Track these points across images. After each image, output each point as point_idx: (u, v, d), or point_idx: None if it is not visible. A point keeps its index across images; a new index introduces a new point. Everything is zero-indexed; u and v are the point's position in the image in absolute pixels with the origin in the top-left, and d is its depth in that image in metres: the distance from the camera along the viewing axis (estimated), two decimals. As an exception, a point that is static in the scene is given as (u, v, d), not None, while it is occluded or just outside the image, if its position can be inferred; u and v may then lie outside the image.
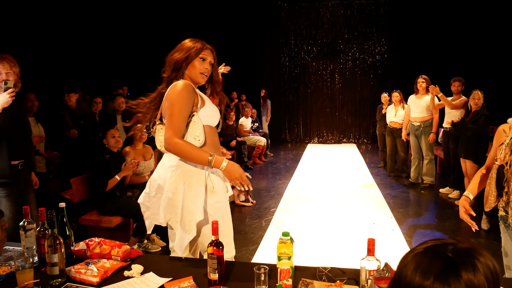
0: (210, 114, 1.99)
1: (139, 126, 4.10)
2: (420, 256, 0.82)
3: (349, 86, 11.12)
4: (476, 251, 0.82)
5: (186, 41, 2.06)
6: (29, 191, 2.95)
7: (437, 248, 0.83)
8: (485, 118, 4.65)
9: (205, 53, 1.99)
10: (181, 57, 1.97)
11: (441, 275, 0.77)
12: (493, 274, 0.80)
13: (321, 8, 10.88)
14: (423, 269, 0.79)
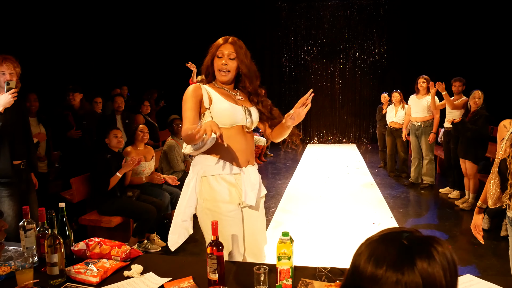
0: (220, 114, 1.90)
1: (141, 127, 4.10)
2: (374, 244, 0.78)
3: (349, 86, 11.11)
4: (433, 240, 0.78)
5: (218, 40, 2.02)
6: (31, 190, 2.96)
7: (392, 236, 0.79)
8: (484, 119, 4.65)
9: (222, 48, 1.94)
10: (207, 59, 2.00)
11: (395, 263, 0.73)
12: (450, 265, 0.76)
13: (321, 8, 10.87)
14: (377, 257, 0.75)
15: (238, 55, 1.95)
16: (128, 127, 4.80)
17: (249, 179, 1.94)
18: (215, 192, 1.91)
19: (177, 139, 4.65)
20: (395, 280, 0.72)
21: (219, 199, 1.91)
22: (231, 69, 1.96)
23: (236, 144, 1.93)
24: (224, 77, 1.96)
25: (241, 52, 1.96)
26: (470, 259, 3.56)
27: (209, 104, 1.92)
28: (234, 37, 2.00)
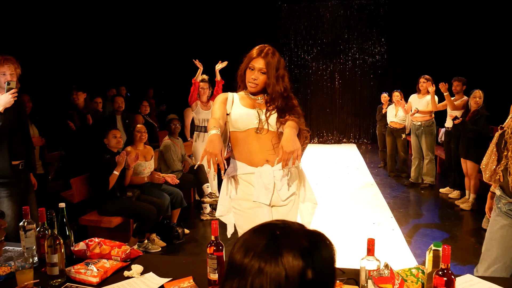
0: (234, 119, 2.05)
1: (139, 127, 4.10)
2: (248, 234, 0.79)
3: (349, 86, 11.11)
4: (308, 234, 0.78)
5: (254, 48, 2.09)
6: (30, 191, 2.96)
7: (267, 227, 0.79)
8: (485, 119, 4.65)
9: (254, 62, 2.02)
10: (241, 67, 2.10)
11: (261, 253, 0.73)
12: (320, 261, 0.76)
13: (321, 8, 10.87)
14: (247, 246, 0.76)
15: (268, 70, 2.02)
16: (128, 127, 4.81)
17: (260, 178, 2.01)
18: (235, 191, 2.08)
19: (174, 139, 4.65)
20: (257, 268, 0.72)
21: (238, 197, 2.07)
22: (259, 82, 2.04)
23: (249, 146, 2.05)
24: (253, 89, 2.06)
25: (271, 67, 2.02)
26: (470, 259, 3.55)
27: (230, 110, 2.10)
28: (269, 49, 2.04)
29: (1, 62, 2.66)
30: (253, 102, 2.10)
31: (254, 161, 2.05)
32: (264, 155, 2.05)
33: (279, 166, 2.01)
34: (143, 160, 4.04)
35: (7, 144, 2.72)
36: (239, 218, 2.08)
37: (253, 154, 2.04)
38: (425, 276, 1.48)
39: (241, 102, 2.11)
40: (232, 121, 2.07)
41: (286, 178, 2.06)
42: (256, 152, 2.04)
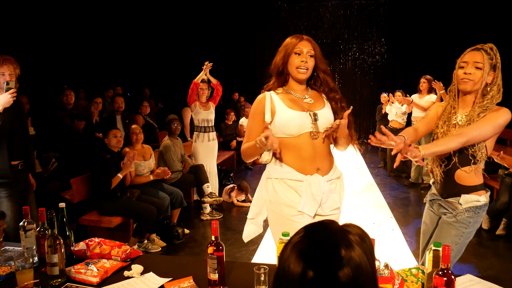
0: (282, 124, 1.87)
1: (133, 128, 4.07)
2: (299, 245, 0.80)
3: (349, 86, 11.11)
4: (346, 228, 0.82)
5: (286, 39, 1.95)
6: (29, 191, 2.96)
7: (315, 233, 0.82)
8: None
9: (300, 45, 1.87)
10: (280, 58, 1.91)
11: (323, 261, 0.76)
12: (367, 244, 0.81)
13: (321, 8, 10.88)
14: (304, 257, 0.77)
15: (316, 52, 1.91)
16: (129, 128, 4.80)
17: (310, 188, 1.86)
18: (278, 195, 1.91)
19: (173, 139, 4.65)
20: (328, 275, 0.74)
21: (281, 202, 1.90)
22: (309, 66, 1.89)
23: (302, 152, 1.88)
24: (303, 74, 1.89)
25: (318, 50, 1.91)
26: (470, 259, 3.55)
27: (272, 117, 1.90)
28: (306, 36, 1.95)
29: (0, 62, 2.66)
30: (300, 102, 1.93)
31: (305, 168, 1.88)
32: (316, 163, 1.90)
33: (327, 178, 1.91)
34: (142, 160, 4.04)
35: (6, 144, 2.72)
36: (278, 224, 1.92)
37: (304, 161, 1.88)
38: (425, 276, 1.48)
39: (285, 103, 1.91)
40: (280, 127, 1.88)
41: (333, 191, 1.94)
42: (309, 159, 1.88)
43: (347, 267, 0.75)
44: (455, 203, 1.92)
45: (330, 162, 1.98)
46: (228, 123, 7.74)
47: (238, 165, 7.80)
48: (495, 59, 1.87)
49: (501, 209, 4.06)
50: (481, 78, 1.86)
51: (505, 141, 6.53)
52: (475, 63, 1.86)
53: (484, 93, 1.89)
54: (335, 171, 2.00)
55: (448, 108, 2.02)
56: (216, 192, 4.91)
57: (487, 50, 1.87)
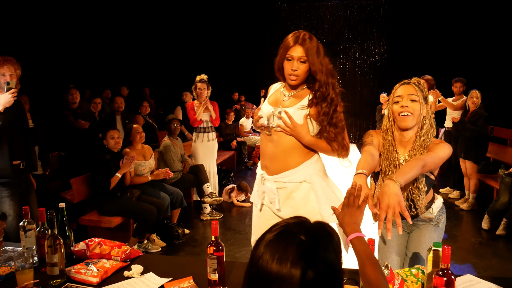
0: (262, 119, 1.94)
1: (136, 127, 4.08)
2: (273, 244, 0.81)
3: (349, 86, 11.11)
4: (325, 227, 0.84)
5: (286, 37, 1.90)
6: (30, 190, 2.96)
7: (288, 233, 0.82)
8: (484, 119, 4.65)
9: (292, 51, 1.82)
10: (277, 61, 1.93)
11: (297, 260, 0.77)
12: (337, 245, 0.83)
13: (321, 8, 10.88)
14: (279, 257, 0.78)
15: (310, 57, 1.83)
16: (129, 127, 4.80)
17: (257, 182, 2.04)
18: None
19: (173, 139, 4.65)
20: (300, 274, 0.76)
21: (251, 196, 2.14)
22: (301, 73, 1.85)
23: (261, 147, 2.02)
24: (294, 81, 1.87)
25: (312, 53, 1.83)
26: (470, 259, 3.55)
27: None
28: (305, 34, 1.85)
29: (1, 63, 2.67)
30: (280, 99, 1.95)
31: (261, 163, 2.05)
32: (265, 160, 1.97)
33: (275, 178, 1.91)
34: (142, 160, 4.03)
35: (7, 143, 2.73)
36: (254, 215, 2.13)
37: (261, 156, 2.03)
38: (425, 276, 1.48)
39: (270, 97, 2.02)
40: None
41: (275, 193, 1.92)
42: (263, 154, 2.00)
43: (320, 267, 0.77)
44: (429, 216, 1.98)
45: (285, 164, 1.90)
46: (228, 123, 7.74)
47: (238, 165, 7.80)
48: (424, 92, 1.84)
49: (501, 209, 4.06)
50: (419, 110, 1.80)
51: (505, 141, 6.54)
52: (410, 95, 1.80)
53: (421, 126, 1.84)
54: (294, 175, 1.90)
55: (388, 146, 1.90)
56: (216, 192, 4.91)
57: (415, 83, 1.83)
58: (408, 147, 1.88)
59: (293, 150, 1.89)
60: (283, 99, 1.94)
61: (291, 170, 1.90)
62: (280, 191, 1.93)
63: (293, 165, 1.90)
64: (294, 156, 1.90)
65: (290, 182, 1.91)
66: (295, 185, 1.91)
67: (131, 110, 5.74)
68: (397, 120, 1.84)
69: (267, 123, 1.90)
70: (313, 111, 1.88)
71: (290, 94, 1.93)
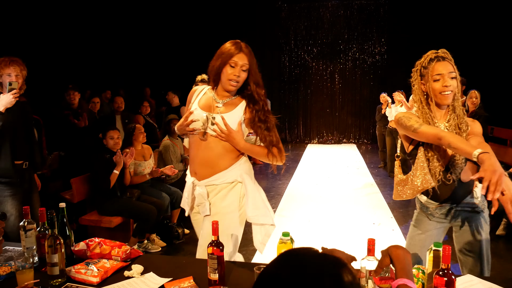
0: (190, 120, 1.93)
1: (138, 126, 4.10)
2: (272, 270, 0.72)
3: (349, 86, 11.12)
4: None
5: (225, 44, 1.98)
6: (33, 190, 2.96)
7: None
8: (484, 119, 4.65)
9: (236, 58, 1.89)
10: (216, 65, 1.95)
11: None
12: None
13: (321, 8, 10.88)
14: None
15: (251, 66, 1.94)
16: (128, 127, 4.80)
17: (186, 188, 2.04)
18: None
19: (173, 139, 4.65)
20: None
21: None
22: (241, 80, 1.93)
23: (192, 152, 2.01)
24: (233, 87, 1.93)
25: (253, 63, 1.95)
26: (470, 259, 3.55)
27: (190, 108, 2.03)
28: (247, 45, 1.96)
29: (6, 63, 2.68)
30: (212, 105, 1.99)
31: (190, 169, 2.05)
32: (195, 166, 1.99)
33: (205, 182, 1.96)
34: (142, 160, 4.03)
35: (9, 143, 2.73)
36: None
37: (191, 161, 2.03)
38: (426, 276, 1.48)
39: (200, 102, 2.02)
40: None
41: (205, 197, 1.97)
42: (193, 159, 2.00)
43: None
44: (474, 200, 1.93)
45: (217, 167, 1.95)
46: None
47: (238, 165, 7.79)
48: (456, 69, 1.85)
49: (501, 209, 4.05)
50: (457, 87, 1.83)
51: (505, 141, 6.54)
52: (450, 73, 1.80)
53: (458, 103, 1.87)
54: (226, 176, 1.96)
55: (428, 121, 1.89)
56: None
57: (448, 58, 1.83)
58: (443, 119, 1.90)
59: (226, 154, 1.96)
60: (216, 105, 1.98)
61: (222, 172, 1.96)
62: (211, 194, 1.98)
63: (224, 167, 1.97)
64: (226, 159, 1.97)
65: (222, 183, 1.98)
66: (226, 185, 1.98)
67: (131, 110, 5.74)
68: (438, 98, 1.84)
69: (203, 128, 1.92)
70: (247, 119, 1.97)
71: (224, 101, 1.99)
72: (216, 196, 1.98)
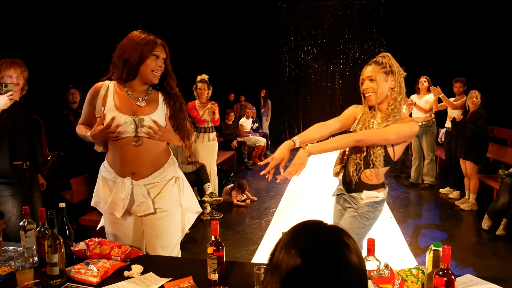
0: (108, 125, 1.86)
1: None
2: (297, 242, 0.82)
3: (349, 87, 11.12)
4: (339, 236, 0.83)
5: (134, 34, 1.90)
6: (34, 190, 2.96)
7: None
8: (484, 119, 4.65)
9: (159, 49, 1.89)
10: (136, 56, 1.85)
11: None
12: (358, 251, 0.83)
13: (321, 8, 10.88)
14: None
15: (167, 59, 1.94)
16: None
17: (118, 190, 1.94)
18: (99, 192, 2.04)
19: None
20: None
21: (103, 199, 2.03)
22: (162, 71, 1.92)
23: (122, 155, 1.92)
24: (156, 79, 1.91)
25: (168, 55, 1.95)
26: (470, 259, 3.56)
27: (102, 111, 1.90)
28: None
29: (8, 65, 2.68)
30: (131, 104, 1.90)
31: (122, 171, 1.94)
32: (133, 167, 1.93)
33: (145, 181, 1.94)
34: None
35: (8, 144, 2.73)
36: (106, 221, 2.07)
37: (122, 164, 1.92)
38: (425, 276, 1.48)
39: (116, 102, 1.89)
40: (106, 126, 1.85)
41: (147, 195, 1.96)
42: (127, 162, 1.92)
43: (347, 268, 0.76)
44: (357, 198, 2.07)
45: (154, 165, 1.96)
46: (228, 123, 7.74)
47: (238, 165, 7.80)
48: (388, 66, 2.03)
49: (501, 209, 4.06)
50: (377, 88, 1.98)
51: (505, 141, 6.54)
52: (368, 76, 2.01)
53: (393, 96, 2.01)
54: (162, 174, 1.98)
55: (366, 115, 2.09)
56: (216, 192, 4.91)
57: (378, 61, 2.03)
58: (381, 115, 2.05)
59: (161, 152, 1.98)
60: (137, 104, 1.91)
61: (160, 169, 1.98)
62: (152, 192, 1.98)
63: (160, 164, 1.99)
64: (161, 156, 1.99)
65: (161, 181, 1.99)
66: (165, 182, 2.00)
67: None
68: (364, 100, 2.07)
69: (133, 132, 1.87)
70: (168, 113, 1.99)
71: (143, 98, 1.94)
72: (158, 195, 1.99)
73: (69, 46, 7.31)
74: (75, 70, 7.30)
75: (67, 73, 6.89)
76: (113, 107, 1.89)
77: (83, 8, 7.71)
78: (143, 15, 9.10)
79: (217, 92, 5.12)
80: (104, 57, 6.30)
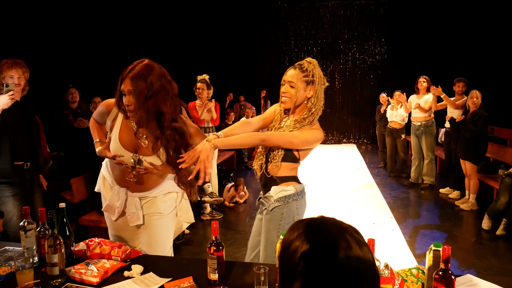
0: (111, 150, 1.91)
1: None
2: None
3: (349, 86, 11.12)
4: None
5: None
6: (35, 190, 2.96)
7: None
8: (484, 119, 4.65)
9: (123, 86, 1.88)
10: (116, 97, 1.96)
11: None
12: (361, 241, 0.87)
13: (321, 8, 10.88)
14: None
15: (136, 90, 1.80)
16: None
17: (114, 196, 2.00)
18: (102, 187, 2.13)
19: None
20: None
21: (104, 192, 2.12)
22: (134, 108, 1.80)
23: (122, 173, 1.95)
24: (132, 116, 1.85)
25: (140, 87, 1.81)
26: (470, 259, 3.56)
27: (108, 133, 1.96)
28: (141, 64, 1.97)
29: (9, 65, 2.68)
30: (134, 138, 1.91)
31: (120, 181, 1.98)
32: (128, 183, 1.95)
33: (141, 195, 1.97)
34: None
35: (9, 144, 2.73)
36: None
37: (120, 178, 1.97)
38: (425, 276, 1.48)
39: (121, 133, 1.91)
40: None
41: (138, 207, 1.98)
42: (123, 178, 1.95)
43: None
44: (269, 196, 2.04)
45: (152, 184, 1.98)
46: (228, 123, 7.74)
47: (238, 165, 7.80)
48: (311, 76, 2.01)
49: (501, 209, 4.06)
50: (295, 95, 2.00)
51: (505, 141, 6.54)
52: (289, 82, 2.02)
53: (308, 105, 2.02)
54: (159, 189, 2.00)
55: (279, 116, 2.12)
56: (216, 192, 4.90)
57: (303, 67, 2.00)
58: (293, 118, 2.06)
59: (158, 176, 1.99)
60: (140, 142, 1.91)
61: (156, 187, 2.01)
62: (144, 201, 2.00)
63: (158, 182, 2.01)
64: (160, 175, 2.00)
65: (157, 195, 2.01)
66: (161, 196, 2.02)
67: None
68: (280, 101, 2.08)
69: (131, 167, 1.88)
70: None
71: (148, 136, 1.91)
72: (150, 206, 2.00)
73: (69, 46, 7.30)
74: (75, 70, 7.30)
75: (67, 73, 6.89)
76: (116, 138, 1.91)
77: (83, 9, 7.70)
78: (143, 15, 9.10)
79: (217, 92, 5.12)
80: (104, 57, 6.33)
